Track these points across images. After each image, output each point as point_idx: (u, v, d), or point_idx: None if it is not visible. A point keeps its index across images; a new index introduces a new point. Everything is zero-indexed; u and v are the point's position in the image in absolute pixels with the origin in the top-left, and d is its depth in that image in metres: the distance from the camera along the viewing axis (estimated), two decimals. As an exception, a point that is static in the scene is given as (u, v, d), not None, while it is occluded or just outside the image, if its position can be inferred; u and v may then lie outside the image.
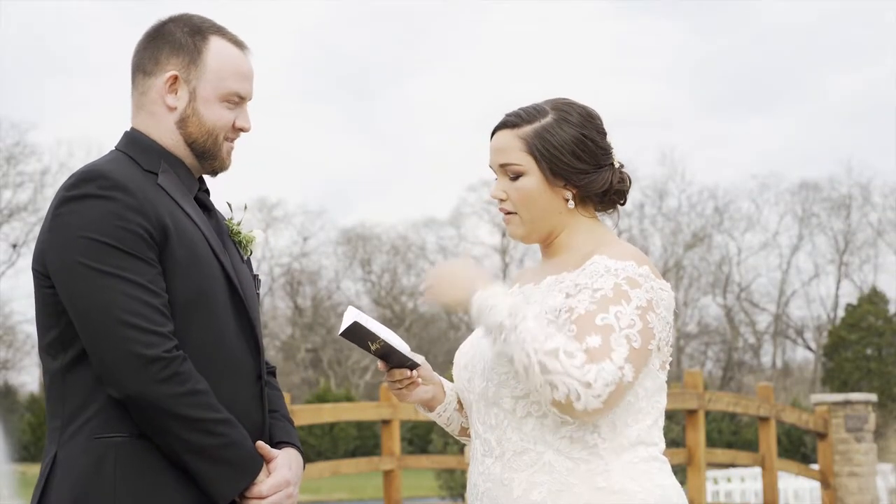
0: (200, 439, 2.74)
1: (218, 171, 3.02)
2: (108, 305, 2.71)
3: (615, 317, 2.78)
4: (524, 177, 2.96)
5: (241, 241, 3.10)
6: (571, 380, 2.69)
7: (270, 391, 3.03)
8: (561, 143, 2.94)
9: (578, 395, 2.69)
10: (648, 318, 2.81)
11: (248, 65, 3.01)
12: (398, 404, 11.42)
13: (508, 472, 2.89)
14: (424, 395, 3.13)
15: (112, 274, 2.72)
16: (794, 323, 52.88)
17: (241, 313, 2.91)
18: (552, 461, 2.85)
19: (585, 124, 2.97)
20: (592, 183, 2.96)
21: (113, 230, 2.74)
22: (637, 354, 2.77)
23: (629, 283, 2.83)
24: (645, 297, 2.82)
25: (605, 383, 2.70)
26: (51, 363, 2.84)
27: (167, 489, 2.76)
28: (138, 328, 2.70)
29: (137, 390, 2.70)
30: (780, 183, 59.06)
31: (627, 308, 2.79)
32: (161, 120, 2.95)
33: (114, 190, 2.77)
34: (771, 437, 12.78)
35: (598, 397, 2.70)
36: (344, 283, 53.63)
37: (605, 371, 2.71)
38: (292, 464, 2.92)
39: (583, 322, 2.78)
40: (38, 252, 2.84)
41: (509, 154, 2.97)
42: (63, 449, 2.79)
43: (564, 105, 2.99)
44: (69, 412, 2.80)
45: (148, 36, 3.01)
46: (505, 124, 2.99)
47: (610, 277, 2.84)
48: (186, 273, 2.81)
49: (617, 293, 2.81)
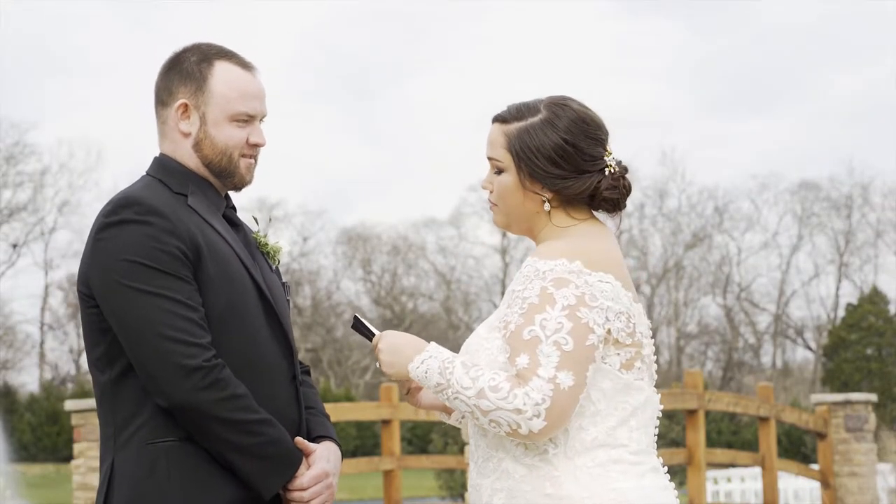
0: (243, 439, 2.96)
1: (240, 187, 3.21)
2: (151, 322, 2.93)
3: (540, 326, 2.79)
4: (504, 173, 2.99)
5: (269, 251, 3.29)
6: (504, 412, 2.76)
7: (306, 389, 3.24)
8: (539, 147, 2.93)
9: (517, 423, 2.75)
10: (580, 314, 2.80)
11: (256, 84, 3.18)
12: (398, 404, 11.42)
13: (479, 478, 2.96)
14: (437, 400, 3.17)
15: (152, 293, 2.94)
16: (794, 323, 52.87)
17: (272, 320, 3.12)
18: (509, 468, 2.89)
19: (572, 129, 2.94)
20: (569, 188, 2.94)
21: (150, 252, 2.96)
22: (571, 357, 2.77)
23: (556, 284, 2.83)
24: (574, 293, 2.82)
25: (535, 402, 2.74)
26: (100, 377, 3.06)
27: (215, 487, 2.99)
28: (179, 341, 2.92)
29: (182, 398, 2.92)
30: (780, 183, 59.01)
31: (553, 312, 2.80)
32: (180, 146, 3.15)
33: (149, 215, 2.99)
34: (771, 437, 12.78)
35: (536, 417, 2.74)
36: (344, 283, 53.64)
37: (532, 390, 2.74)
38: (331, 456, 3.13)
39: (513, 340, 2.83)
40: (81, 275, 3.06)
41: (494, 148, 3.01)
42: (119, 455, 3.02)
43: (558, 107, 2.97)
44: (120, 421, 3.02)
45: (164, 68, 3.20)
46: (497, 117, 3.02)
47: (537, 282, 2.85)
48: (220, 287, 3.03)
49: (542, 299, 2.82)
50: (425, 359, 2.89)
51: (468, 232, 53.14)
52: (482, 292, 52.74)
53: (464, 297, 53.13)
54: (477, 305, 52.77)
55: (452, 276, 53.24)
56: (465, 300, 53.15)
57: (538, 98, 3.01)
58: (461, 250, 53.23)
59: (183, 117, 3.13)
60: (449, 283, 53.04)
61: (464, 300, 53.15)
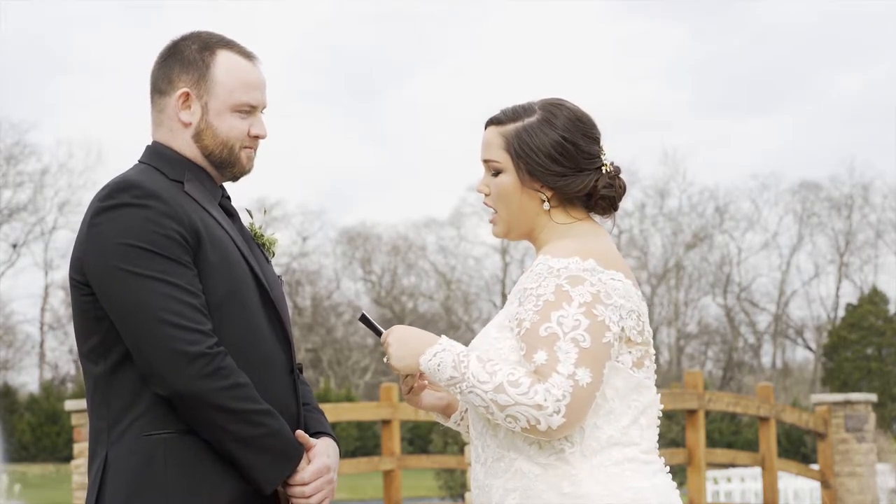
0: (244, 430, 2.88)
1: (239, 176, 3.14)
2: (151, 307, 2.84)
3: (558, 323, 2.79)
4: (502, 174, 2.99)
5: (265, 243, 3.24)
6: (524, 407, 2.74)
7: (300, 385, 3.16)
8: (538, 145, 2.94)
9: (537, 420, 2.74)
10: (596, 311, 2.81)
11: (258, 75, 3.12)
12: (398, 404, 11.42)
13: (489, 479, 2.93)
14: (438, 402, 3.17)
15: (152, 277, 2.85)
16: (794, 323, 52.87)
17: (270, 311, 3.05)
18: (523, 467, 2.87)
19: (570, 127, 2.95)
20: (569, 186, 2.94)
21: (150, 236, 2.87)
22: (589, 353, 2.78)
23: (571, 282, 2.83)
24: (590, 291, 2.82)
25: (555, 399, 2.73)
26: (92, 368, 2.97)
27: (215, 481, 2.90)
28: (181, 327, 2.84)
29: (183, 386, 2.83)
30: (780, 183, 59.11)
31: (570, 309, 2.80)
32: (178, 135, 3.07)
33: (148, 198, 2.90)
34: (771, 437, 12.78)
35: (557, 413, 2.73)
36: (344, 283, 53.63)
37: (553, 386, 2.74)
38: (330, 452, 3.06)
39: (529, 337, 2.81)
40: (74, 261, 2.96)
41: (491, 150, 3.00)
42: (112, 449, 2.92)
43: (553, 106, 2.99)
44: (115, 414, 2.93)
45: (161, 56, 3.12)
46: (492, 120, 3.02)
47: (552, 279, 2.85)
48: (219, 274, 2.95)
49: (558, 296, 2.82)
50: (438, 351, 2.86)
51: (468, 232, 53.18)
52: (482, 292, 52.75)
53: (464, 297, 53.11)
54: (477, 305, 52.76)
55: (452, 276, 53.23)
56: (465, 300, 53.13)
57: (530, 101, 3.02)
58: (461, 250, 53.27)
59: (184, 107, 3.06)
60: (449, 283, 53.03)
61: (464, 300, 53.13)
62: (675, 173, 53.32)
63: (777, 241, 52.87)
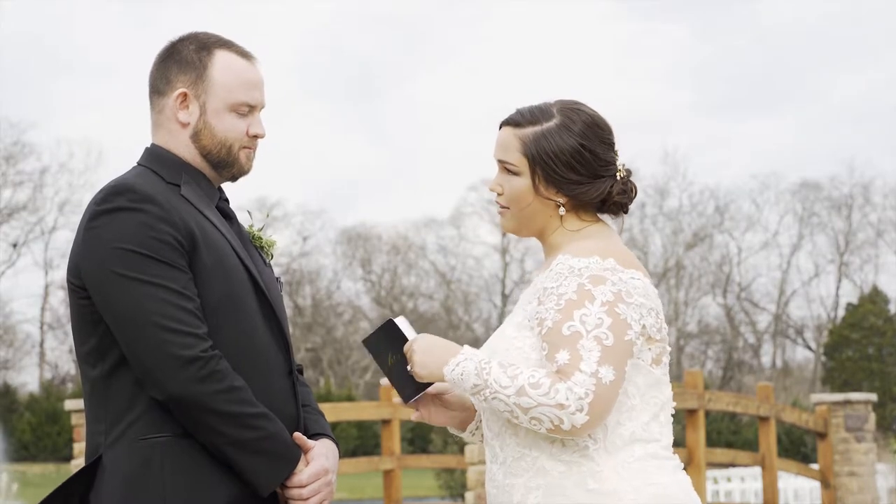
0: (240, 433, 2.87)
1: (238, 176, 3.13)
2: (146, 311, 2.84)
3: (581, 321, 2.80)
4: (518, 177, 2.98)
5: (263, 245, 3.23)
6: (546, 408, 2.75)
7: (300, 387, 3.15)
8: (557, 152, 2.93)
9: (560, 419, 2.74)
10: (618, 310, 2.82)
11: (256, 74, 3.11)
12: (398, 404, 11.42)
13: (510, 478, 2.92)
14: (451, 420, 3.18)
15: (147, 281, 2.86)
16: (794, 323, 52.87)
17: (268, 313, 3.04)
18: (546, 465, 2.87)
19: (587, 134, 2.95)
20: (585, 194, 2.95)
21: (145, 240, 2.88)
22: (612, 351, 2.78)
23: (592, 281, 2.84)
24: (611, 290, 2.83)
25: (578, 397, 2.74)
26: (90, 371, 2.97)
27: (212, 484, 2.90)
28: (175, 331, 2.84)
29: (178, 390, 2.84)
30: (780, 183, 59.06)
31: (592, 308, 2.81)
32: (177, 136, 3.07)
33: (143, 202, 2.91)
34: (771, 437, 12.78)
35: (580, 412, 2.74)
36: (344, 283, 53.64)
37: (576, 385, 2.74)
38: (329, 453, 3.05)
39: (552, 337, 2.82)
40: (72, 265, 2.97)
41: (508, 152, 2.98)
42: (108, 452, 2.91)
43: (571, 111, 2.97)
44: (112, 417, 2.92)
45: (159, 57, 3.12)
46: (509, 121, 3.00)
47: (573, 278, 2.85)
48: (215, 277, 2.95)
49: (581, 295, 2.82)
50: (460, 361, 2.87)
51: (468, 232, 53.15)
52: (482, 292, 52.74)
53: (464, 297, 53.10)
54: (477, 305, 52.79)
55: (452, 276, 53.23)
56: (465, 300, 53.12)
57: (548, 101, 3.01)
58: (461, 250, 53.25)
59: (182, 107, 3.05)
60: (449, 283, 53.03)
61: (464, 300, 53.13)
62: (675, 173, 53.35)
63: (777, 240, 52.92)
